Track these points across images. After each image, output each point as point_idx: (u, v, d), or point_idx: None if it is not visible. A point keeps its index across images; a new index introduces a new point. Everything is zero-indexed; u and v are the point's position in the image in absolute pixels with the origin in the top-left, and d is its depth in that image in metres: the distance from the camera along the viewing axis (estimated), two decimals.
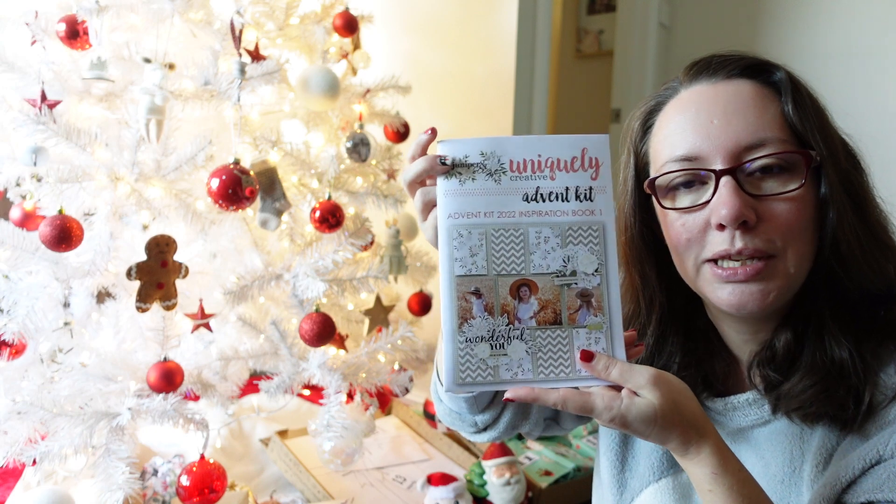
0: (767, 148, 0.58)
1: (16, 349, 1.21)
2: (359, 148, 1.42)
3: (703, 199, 0.61)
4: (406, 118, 1.58)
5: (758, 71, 0.62)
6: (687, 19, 2.84)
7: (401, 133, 1.57)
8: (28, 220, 1.35)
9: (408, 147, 1.58)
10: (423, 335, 1.63)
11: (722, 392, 0.72)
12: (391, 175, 1.56)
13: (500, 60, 1.90)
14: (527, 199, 0.59)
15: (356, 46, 1.60)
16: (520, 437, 1.78)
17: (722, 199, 0.58)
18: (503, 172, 0.59)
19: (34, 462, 1.11)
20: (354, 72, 1.60)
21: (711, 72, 0.63)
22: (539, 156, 0.59)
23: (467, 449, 1.68)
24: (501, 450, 1.46)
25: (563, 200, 0.59)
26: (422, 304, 1.64)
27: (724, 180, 0.58)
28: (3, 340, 1.17)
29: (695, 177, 0.62)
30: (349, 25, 1.49)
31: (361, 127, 1.45)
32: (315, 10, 1.49)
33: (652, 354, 0.72)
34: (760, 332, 0.67)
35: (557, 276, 0.58)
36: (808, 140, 0.59)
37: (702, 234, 0.61)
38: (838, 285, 0.62)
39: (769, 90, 0.61)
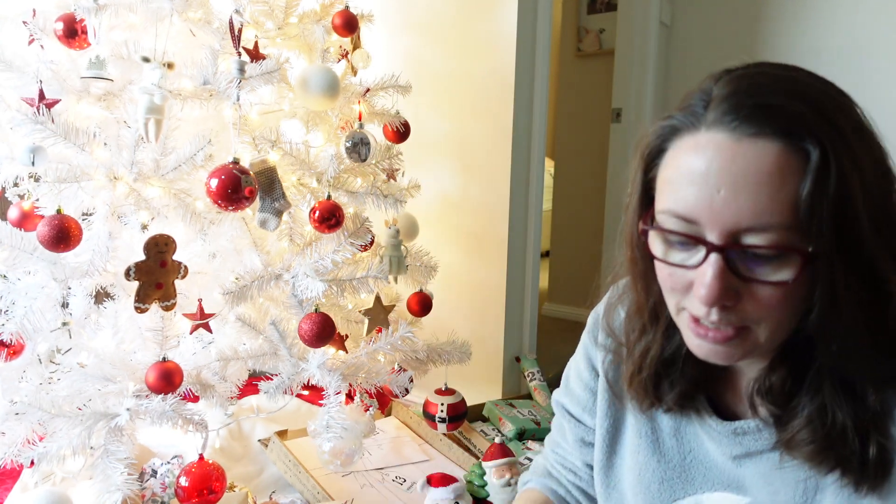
0: (768, 235, 0.53)
1: (14, 350, 1.20)
2: (358, 148, 1.41)
3: (693, 262, 0.58)
4: (406, 118, 1.58)
5: (791, 133, 0.53)
6: (688, 18, 2.83)
7: (400, 133, 1.57)
8: (26, 220, 1.34)
9: (407, 147, 1.59)
10: (423, 335, 1.63)
11: (725, 413, 0.70)
12: (391, 175, 1.56)
13: (500, 60, 1.89)
14: None
15: (356, 46, 1.59)
16: (520, 438, 1.77)
17: (704, 279, 0.56)
18: None
19: (32, 463, 1.11)
20: (354, 71, 1.60)
21: (740, 120, 0.54)
22: None
23: (467, 450, 1.67)
24: (502, 451, 1.46)
25: None
26: (422, 305, 1.63)
27: (713, 258, 0.55)
28: (2, 341, 1.17)
29: (688, 239, 0.58)
30: (349, 24, 1.49)
31: (361, 126, 1.45)
32: (314, 8, 1.48)
33: (661, 345, 0.70)
34: (753, 361, 0.65)
35: None
36: (811, 231, 0.52)
37: (685, 289, 0.60)
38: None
39: (794, 159, 0.52)
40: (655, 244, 0.61)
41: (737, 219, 0.53)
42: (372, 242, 1.42)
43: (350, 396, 1.41)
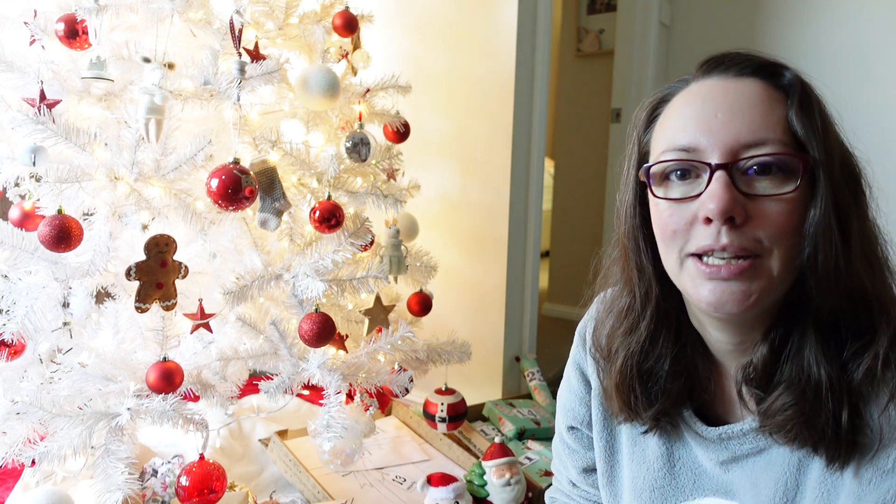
0: (766, 147, 0.58)
1: (15, 349, 1.20)
2: (359, 148, 1.42)
3: (695, 192, 0.60)
4: (406, 118, 1.58)
5: (770, 73, 0.62)
6: (687, 19, 2.83)
7: (401, 133, 1.57)
8: (27, 220, 1.35)
9: (407, 147, 1.59)
10: (423, 335, 1.63)
11: (710, 418, 0.71)
12: (391, 175, 1.56)
13: (500, 60, 1.90)
14: None
15: (356, 46, 1.60)
16: (520, 437, 1.77)
17: (711, 193, 0.58)
18: None
19: (33, 462, 1.11)
20: (354, 71, 1.60)
21: (724, 68, 0.63)
22: None
23: (467, 449, 1.68)
24: (502, 450, 1.46)
25: None
26: (422, 304, 1.64)
27: (718, 174, 0.58)
28: (3, 340, 1.17)
29: (690, 168, 0.61)
30: (349, 25, 1.49)
31: (361, 126, 1.45)
32: (315, 9, 1.49)
33: (644, 351, 0.71)
34: (745, 342, 0.66)
35: None
36: (807, 146, 0.59)
37: (688, 226, 0.60)
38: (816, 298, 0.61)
39: (778, 93, 0.61)
40: (656, 190, 0.64)
41: (736, 136, 0.59)
42: (372, 242, 1.42)
43: (350, 396, 1.41)
